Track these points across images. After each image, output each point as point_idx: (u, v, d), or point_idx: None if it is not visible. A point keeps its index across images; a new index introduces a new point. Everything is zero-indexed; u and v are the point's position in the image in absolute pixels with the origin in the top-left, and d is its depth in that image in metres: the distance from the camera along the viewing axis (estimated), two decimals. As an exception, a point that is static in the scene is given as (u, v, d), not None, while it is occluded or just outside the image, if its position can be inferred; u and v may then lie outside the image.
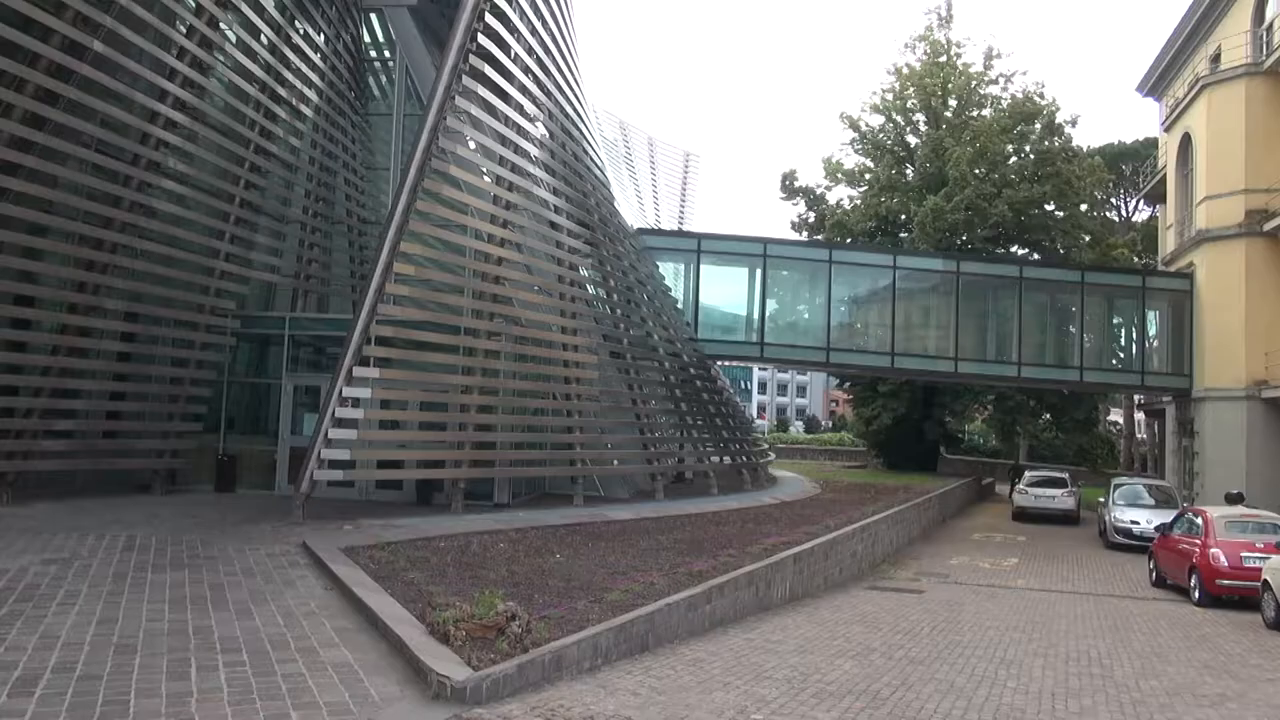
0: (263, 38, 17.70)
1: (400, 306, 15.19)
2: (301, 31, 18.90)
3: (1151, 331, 30.08)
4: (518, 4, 16.97)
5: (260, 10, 17.42)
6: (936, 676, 8.81)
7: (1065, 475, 32.17)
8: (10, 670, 6.29)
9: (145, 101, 15.16)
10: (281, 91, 18.27)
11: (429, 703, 6.24)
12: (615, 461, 20.51)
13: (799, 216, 43.31)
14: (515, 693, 6.67)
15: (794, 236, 41.37)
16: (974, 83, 39.94)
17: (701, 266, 28.26)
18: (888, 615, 12.43)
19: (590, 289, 21.11)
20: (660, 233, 31.55)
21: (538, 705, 6.48)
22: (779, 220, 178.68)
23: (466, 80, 15.37)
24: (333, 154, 20.55)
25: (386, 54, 22.80)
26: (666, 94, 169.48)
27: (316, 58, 19.50)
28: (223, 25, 16.73)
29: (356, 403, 14.45)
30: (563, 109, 19.41)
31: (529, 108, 17.65)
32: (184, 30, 15.96)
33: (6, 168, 13.13)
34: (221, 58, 17.00)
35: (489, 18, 15.79)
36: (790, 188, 43.27)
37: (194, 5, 16.00)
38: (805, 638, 10.31)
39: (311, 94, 19.31)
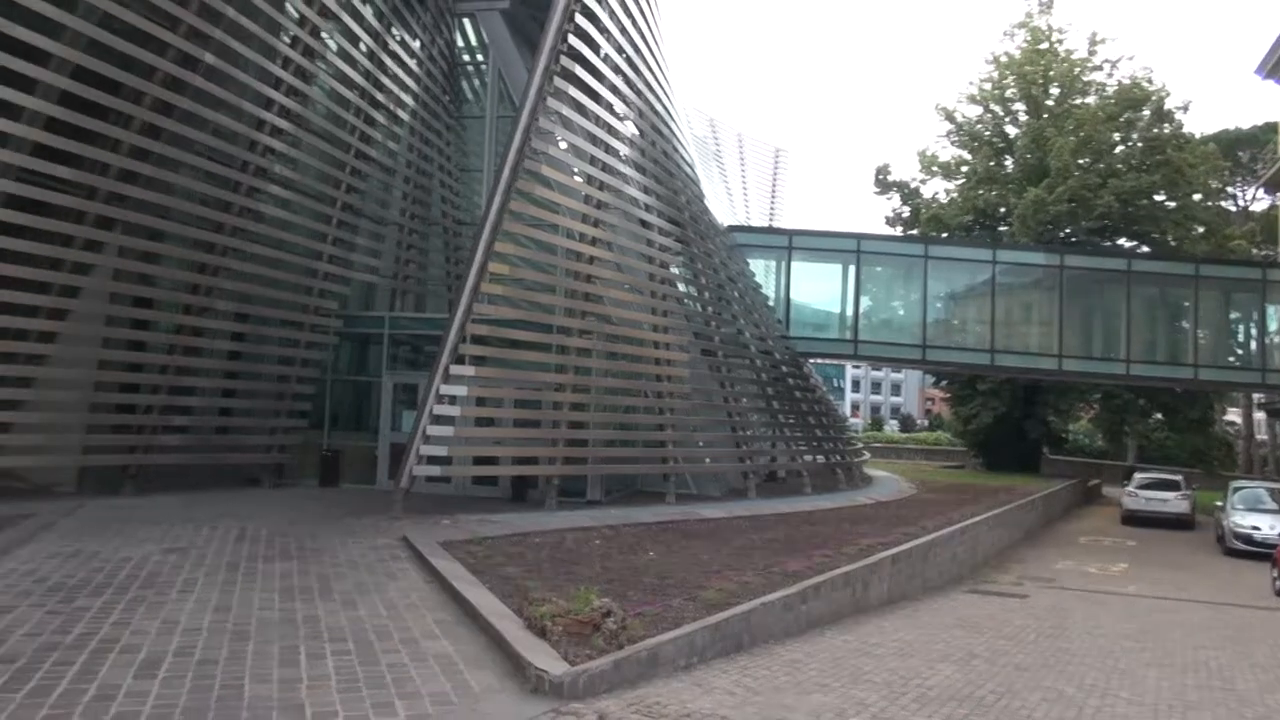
0: (361, 45, 18.22)
1: (494, 306, 15.43)
2: (398, 38, 19.39)
3: (1272, 327, 28.52)
4: (607, 4, 17.06)
5: (359, 18, 17.93)
6: (1043, 684, 8.51)
7: (1178, 478, 30.76)
8: (136, 653, 6.61)
9: (253, 110, 15.76)
10: (380, 97, 18.77)
11: (527, 696, 6.31)
12: (707, 460, 20.45)
13: (893, 211, 42.47)
14: (611, 689, 6.69)
15: (888, 231, 40.57)
16: (1076, 70, 38.51)
17: (793, 263, 27.98)
18: (990, 620, 12.07)
19: (681, 287, 21.08)
20: (750, 229, 31.32)
21: (634, 702, 6.49)
22: (872, 215, 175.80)
23: (558, 81, 15.52)
24: (428, 157, 21.03)
25: (479, 58, 23.21)
26: (756, 89, 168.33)
27: (413, 63, 19.97)
28: (324, 34, 17.27)
29: (453, 400, 14.73)
30: (652, 107, 19.43)
31: (619, 107, 17.73)
32: (288, 40, 16.54)
33: (126, 176, 13.81)
34: (323, 66, 17.56)
35: (579, 18, 15.91)
36: (884, 182, 42.45)
37: (297, 16, 16.56)
38: (904, 641, 10.09)
39: (408, 99, 19.79)
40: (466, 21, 22.69)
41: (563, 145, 16.70)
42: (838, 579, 10.99)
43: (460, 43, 22.94)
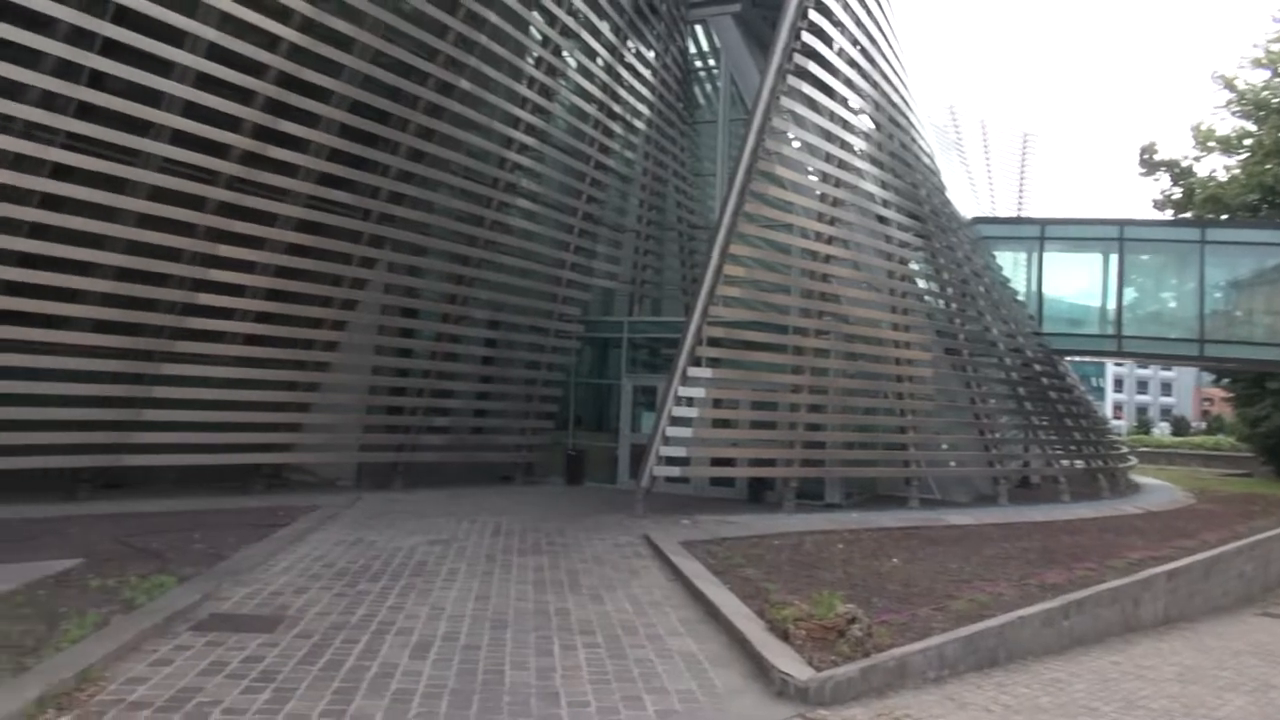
0: (599, 60, 18.92)
1: (730, 308, 15.51)
2: (633, 50, 19.97)
3: None
4: (841, -3, 16.72)
5: (597, 34, 18.63)
6: (1362, 724, 7.45)
7: None
8: (409, 635, 7.20)
9: (502, 129, 16.78)
10: (617, 109, 19.42)
11: (773, 699, 6.28)
12: (952, 463, 19.52)
13: (1162, 194, 38.61)
14: (858, 697, 6.53)
15: (1155, 216, 37.01)
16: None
17: (1045, 254, 26.05)
18: (1289, 647, 10.72)
19: (922, 283, 20.28)
20: (996, 220, 29.61)
21: (883, 712, 6.30)
22: (1135, 199, 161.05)
23: (791, 79, 15.39)
24: (663, 164, 21.50)
25: (711, 62, 23.45)
26: (998, 71, 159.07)
27: (647, 74, 20.50)
28: (564, 53, 18.08)
29: (690, 402, 14.94)
30: (888, 98, 18.83)
31: (854, 101, 17.32)
32: (533, 61, 17.48)
33: (394, 197, 15.11)
34: (564, 83, 18.40)
35: (812, 14, 15.69)
36: (1149, 162, 38.71)
37: (540, 37, 17.45)
38: (1185, 665, 9.16)
39: (643, 109, 20.33)
40: (698, 28, 23.01)
41: (796, 144, 16.54)
42: (1104, 594, 10.14)
43: (692, 49, 23.29)
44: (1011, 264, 26.09)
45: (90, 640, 6.32)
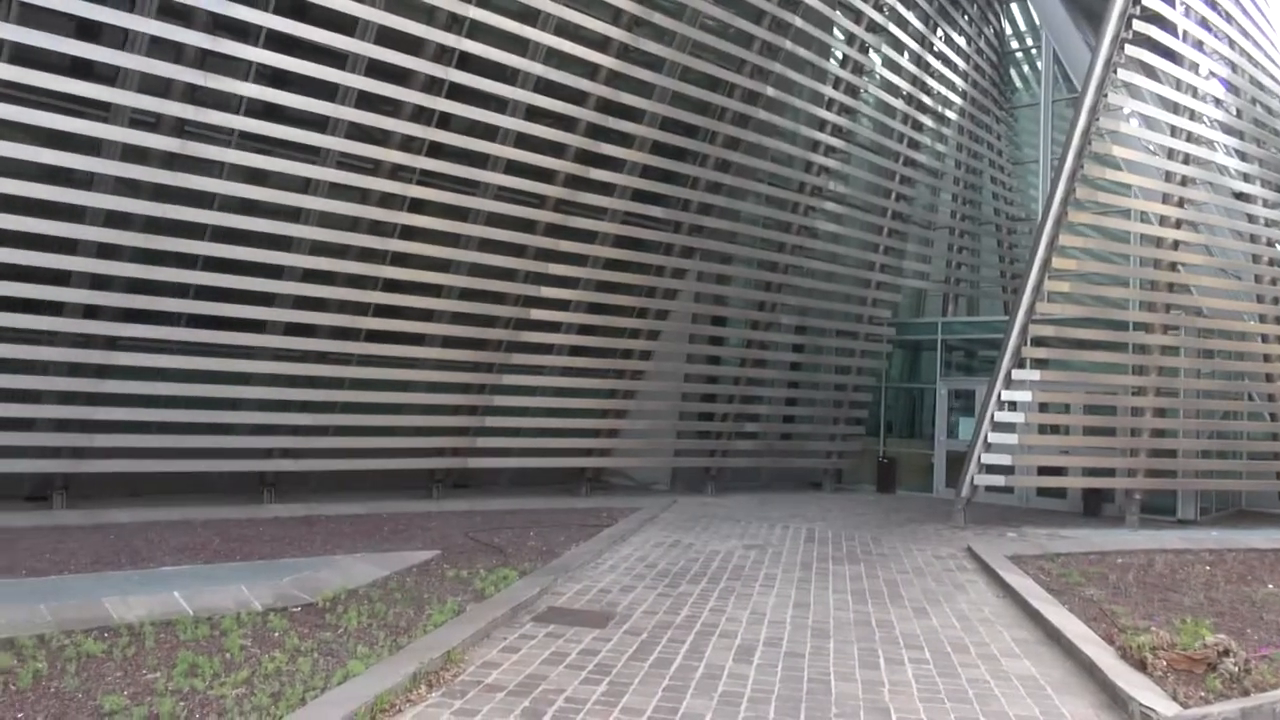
0: (906, 53, 18.27)
1: (1058, 304, 14.35)
2: (943, 37, 19.09)
3: None
4: (1186, -50, 14.93)
5: (904, 25, 18.00)
6: None
7: None
8: (733, 638, 7.30)
9: (808, 133, 16.69)
10: (926, 101, 18.65)
11: (1130, 735, 5.67)
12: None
13: None
14: (1237, 742, 5.73)
15: None
16: None
17: None
18: None
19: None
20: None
21: (1270, 763, 5.48)
22: None
23: (1128, 49, 13.95)
24: (978, 155, 20.37)
25: (1029, 41, 21.87)
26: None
27: (959, 61, 19.51)
28: (869, 49, 17.64)
29: (1015, 406, 13.99)
30: (1249, 57, 16.48)
31: (1205, 65, 15.36)
32: (837, 61, 17.24)
33: (703, 209, 15.52)
34: (869, 79, 17.96)
35: (1153, -27, 14.15)
36: None
37: (844, 36, 17.16)
38: None
39: (955, 98, 19.36)
40: (1014, 5, 21.57)
41: (1134, 120, 14.97)
42: None
43: (1008, 29, 21.85)
44: None
45: (451, 625, 7.02)
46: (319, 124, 11.87)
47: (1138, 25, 13.97)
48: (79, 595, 7.40)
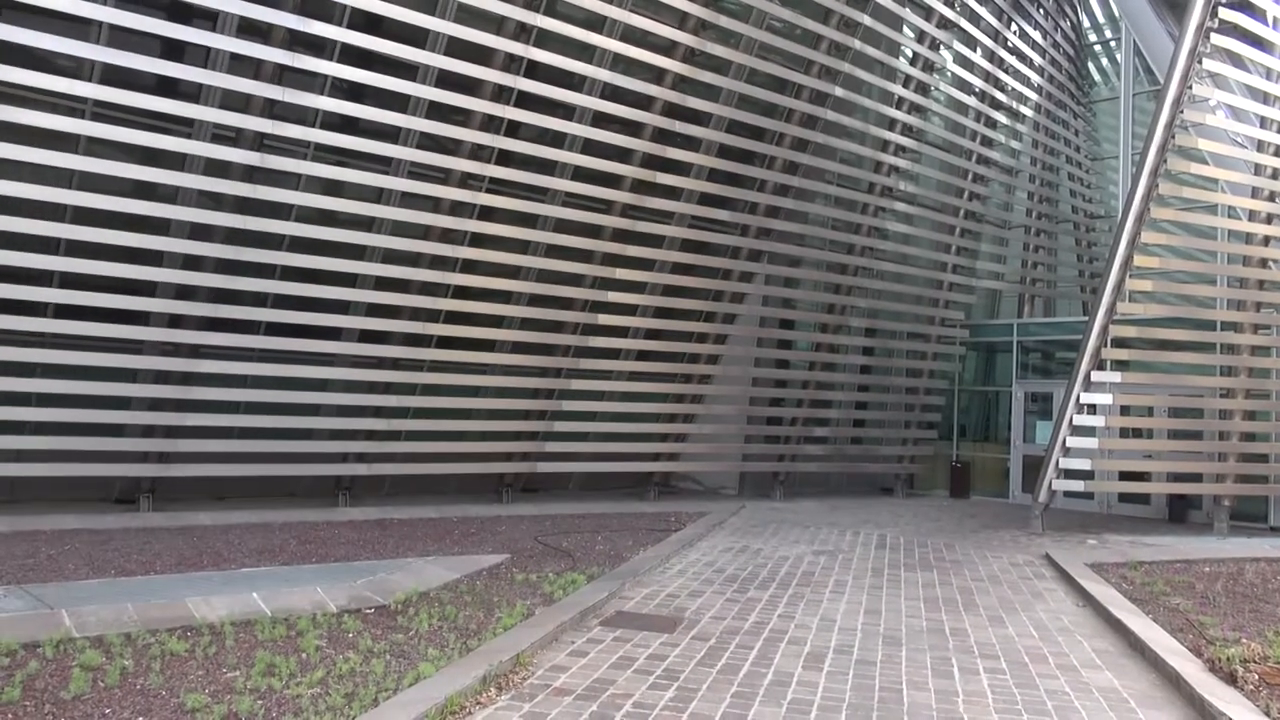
0: (978, 49, 17.88)
1: (1140, 304, 13.90)
2: (1017, 31, 18.64)
3: None
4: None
5: (977, 21, 17.63)
6: None
7: None
8: (802, 645, 7.22)
9: (877, 133, 16.45)
10: (1000, 97, 18.23)
11: (1220, 753, 5.45)
12: None
13: None
14: (1336, 763, 5.46)
15: None
16: None
17: None
18: None
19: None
20: None
21: (1373, 785, 5.21)
22: None
23: (1214, 38, 13.45)
24: (1054, 151, 19.84)
25: (1108, 34, 21.21)
26: None
27: (1034, 55, 19.03)
28: (941, 46, 17.32)
29: (1094, 409, 13.59)
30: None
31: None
32: (908, 59, 16.96)
33: (771, 211, 15.41)
34: (941, 77, 17.63)
35: (1239, -42, 13.63)
36: None
37: (914, 34, 16.88)
38: None
39: (1030, 94, 18.89)
40: (1093, -1, 20.97)
41: (1221, 112, 14.43)
42: None
43: (1086, 22, 21.24)
44: None
45: (520, 629, 7.09)
46: (391, 135, 12.13)
47: (1224, 12, 13.46)
48: (164, 595, 7.66)
